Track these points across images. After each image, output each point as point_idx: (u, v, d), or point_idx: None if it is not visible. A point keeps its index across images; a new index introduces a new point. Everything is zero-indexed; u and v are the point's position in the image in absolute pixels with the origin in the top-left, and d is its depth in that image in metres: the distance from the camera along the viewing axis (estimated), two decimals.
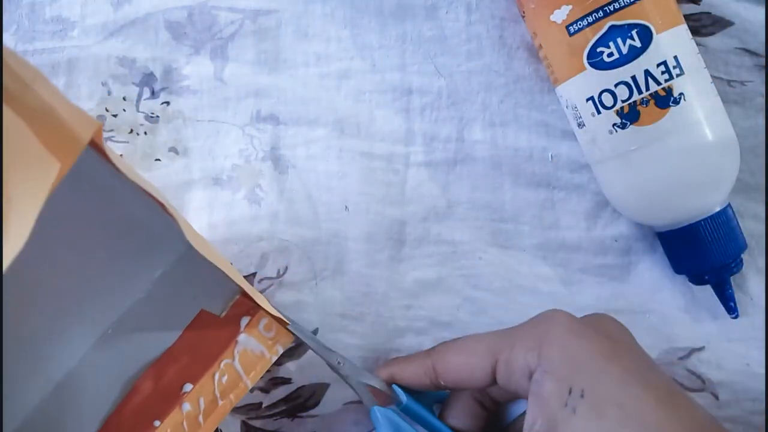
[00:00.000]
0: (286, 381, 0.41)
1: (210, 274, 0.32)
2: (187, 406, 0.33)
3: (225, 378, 0.33)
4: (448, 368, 0.34)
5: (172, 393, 0.33)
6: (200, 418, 0.33)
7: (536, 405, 0.29)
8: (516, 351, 0.31)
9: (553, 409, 0.28)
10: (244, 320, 0.34)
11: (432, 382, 0.35)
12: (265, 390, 0.41)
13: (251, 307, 0.34)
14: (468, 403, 0.36)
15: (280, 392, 0.41)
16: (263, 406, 0.41)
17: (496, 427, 0.37)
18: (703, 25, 0.42)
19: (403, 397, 0.36)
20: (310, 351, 0.41)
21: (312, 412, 0.41)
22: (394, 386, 0.36)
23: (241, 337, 0.33)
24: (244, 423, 0.41)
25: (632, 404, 0.27)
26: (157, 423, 0.32)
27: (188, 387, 0.33)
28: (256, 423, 0.41)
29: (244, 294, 0.33)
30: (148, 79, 0.41)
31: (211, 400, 0.33)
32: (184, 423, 0.33)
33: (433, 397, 0.38)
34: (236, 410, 0.41)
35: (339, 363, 0.37)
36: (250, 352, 0.34)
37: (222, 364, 0.33)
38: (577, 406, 0.28)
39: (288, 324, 0.34)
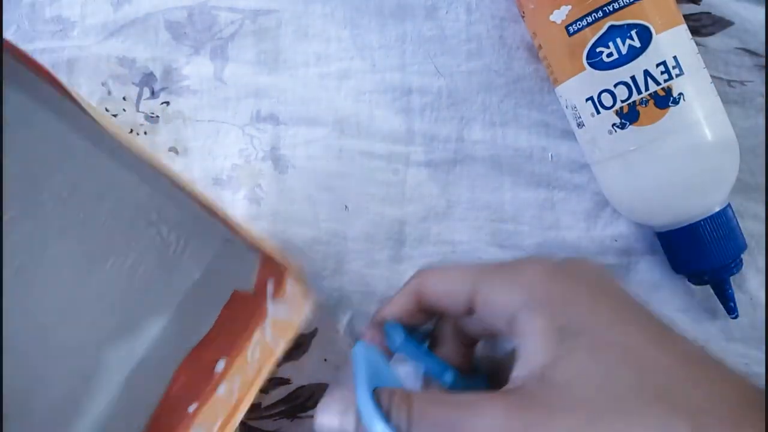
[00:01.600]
0: (285, 381, 0.41)
1: (238, 255, 0.32)
2: (222, 388, 0.32)
3: (258, 352, 0.33)
4: (430, 290, 0.33)
5: (206, 373, 0.33)
6: (233, 398, 0.32)
7: (529, 342, 0.28)
8: (497, 285, 0.30)
9: (549, 348, 0.27)
10: (270, 286, 0.33)
11: (416, 306, 0.33)
12: (263, 390, 0.41)
13: (274, 270, 0.34)
14: (448, 336, 0.35)
15: (279, 393, 0.41)
16: (262, 406, 0.41)
17: (473, 367, 0.36)
18: (703, 25, 0.42)
19: (400, 335, 0.33)
20: (309, 352, 0.41)
21: (311, 412, 0.41)
22: (386, 325, 0.34)
23: (270, 306, 0.33)
24: (243, 423, 0.41)
25: (627, 342, 0.27)
26: (192, 407, 0.32)
27: (221, 364, 0.32)
28: (256, 423, 0.41)
29: (266, 258, 0.33)
30: (148, 79, 0.41)
31: (244, 377, 0.33)
32: (220, 403, 0.32)
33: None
34: None
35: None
36: (282, 321, 0.33)
37: (254, 337, 0.32)
38: (573, 345, 0.27)
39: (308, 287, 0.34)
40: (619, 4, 0.36)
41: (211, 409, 0.32)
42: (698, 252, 0.39)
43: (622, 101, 0.37)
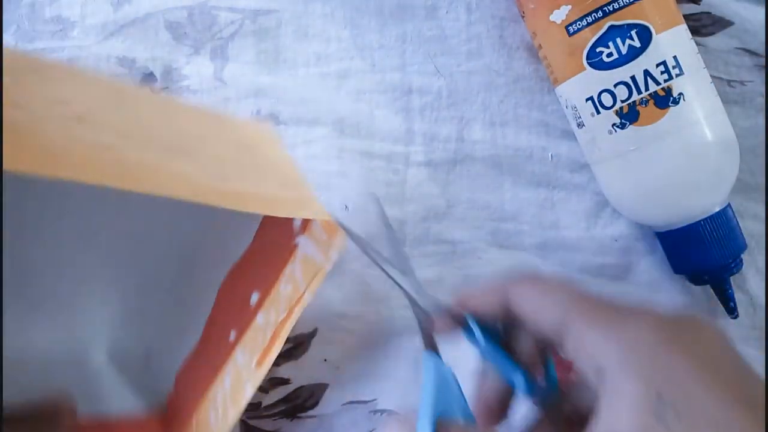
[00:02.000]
0: (285, 381, 0.41)
1: None
2: (260, 318, 0.32)
3: (290, 288, 0.32)
4: (518, 303, 0.31)
5: (243, 303, 0.32)
6: (269, 332, 0.32)
7: (616, 404, 0.25)
8: (594, 330, 0.27)
9: (639, 415, 0.25)
10: (297, 222, 0.32)
11: (499, 308, 0.31)
12: (264, 390, 0.41)
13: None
14: (524, 338, 0.32)
15: (279, 392, 0.41)
16: (262, 406, 0.41)
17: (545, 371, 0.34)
18: (703, 25, 0.42)
19: (481, 335, 0.32)
20: (308, 352, 0.41)
21: (311, 412, 0.41)
22: (468, 316, 0.32)
23: (301, 240, 0.32)
24: (243, 423, 0.41)
25: (730, 425, 0.24)
26: (233, 334, 0.32)
27: (255, 297, 0.32)
28: (255, 423, 0.41)
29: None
30: (148, 79, 0.41)
31: (276, 312, 0.32)
32: (258, 334, 0.32)
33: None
34: None
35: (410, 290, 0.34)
36: (310, 259, 0.32)
37: (287, 272, 0.32)
38: (668, 418, 0.24)
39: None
40: (619, 4, 0.36)
41: (250, 338, 0.32)
42: (698, 252, 0.39)
43: (622, 101, 0.37)
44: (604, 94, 0.37)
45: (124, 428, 0.33)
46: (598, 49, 0.37)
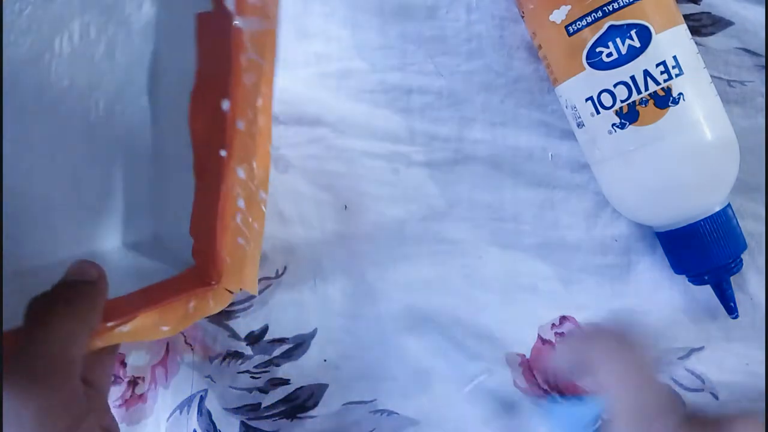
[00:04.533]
0: (285, 382, 0.41)
1: None
2: (239, 124, 0.31)
3: (252, 75, 0.30)
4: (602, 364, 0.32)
5: (218, 114, 0.31)
6: (255, 128, 0.31)
7: None
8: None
9: None
10: (230, 1, 0.30)
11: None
12: (263, 390, 0.41)
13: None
14: None
15: (279, 393, 0.41)
16: (262, 406, 0.41)
17: None
18: (703, 25, 0.42)
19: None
20: (308, 352, 0.41)
21: (311, 412, 0.41)
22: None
23: (237, 21, 0.30)
24: (243, 423, 0.41)
25: None
26: (223, 153, 0.31)
27: (226, 104, 0.31)
28: (255, 423, 0.41)
29: None
30: None
31: (254, 107, 0.31)
32: (245, 138, 0.31)
33: None
34: (235, 410, 0.41)
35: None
36: (256, 32, 0.30)
37: (241, 60, 0.30)
38: None
39: None
40: (618, 4, 0.36)
41: (241, 147, 0.31)
42: (698, 252, 0.39)
43: (622, 101, 0.37)
44: (603, 94, 0.37)
45: (157, 291, 0.32)
46: (597, 49, 0.37)
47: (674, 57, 0.36)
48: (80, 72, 0.36)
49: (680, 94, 0.36)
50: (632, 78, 0.36)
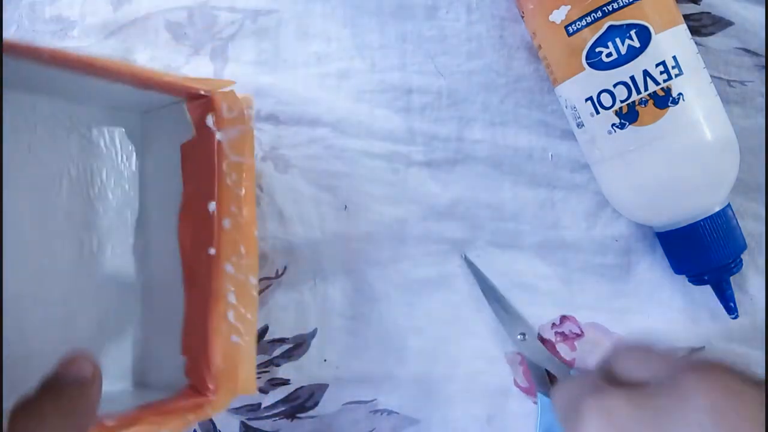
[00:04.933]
0: (285, 382, 0.41)
1: (166, 119, 0.32)
2: (227, 222, 0.32)
3: (234, 175, 0.33)
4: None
5: (205, 217, 0.33)
6: (240, 219, 0.33)
7: None
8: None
9: None
10: (210, 119, 0.33)
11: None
12: (263, 391, 0.41)
13: (204, 105, 0.33)
14: None
15: (279, 393, 0.41)
16: (262, 406, 0.41)
17: None
18: (703, 25, 0.42)
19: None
20: (308, 352, 0.41)
21: (311, 412, 0.41)
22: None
23: (218, 135, 0.33)
24: (243, 423, 0.41)
25: None
26: (212, 251, 0.32)
27: (213, 205, 0.32)
28: (255, 424, 0.41)
29: (190, 99, 0.33)
30: None
31: (237, 201, 0.33)
32: (231, 233, 0.32)
33: None
34: (235, 411, 0.41)
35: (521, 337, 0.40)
36: (234, 139, 0.33)
37: (224, 166, 0.32)
38: None
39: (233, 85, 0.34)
40: (618, 4, 0.36)
41: (228, 242, 0.32)
42: (698, 252, 0.39)
43: (622, 101, 0.37)
44: (603, 94, 0.37)
45: (152, 410, 0.33)
46: (597, 49, 0.37)
47: (674, 57, 0.36)
48: (76, 208, 0.37)
49: (680, 94, 0.36)
50: (632, 78, 0.36)
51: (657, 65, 0.36)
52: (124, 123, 0.39)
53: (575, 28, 0.37)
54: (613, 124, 0.37)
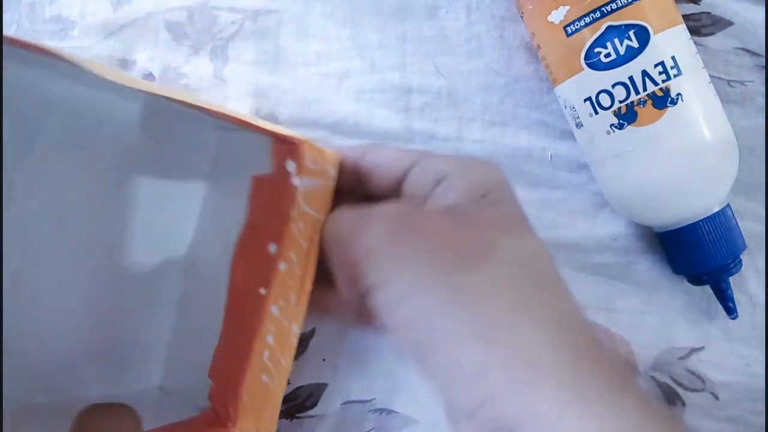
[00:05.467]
0: None
1: (244, 144, 0.32)
2: (281, 265, 0.32)
3: (301, 225, 0.32)
4: (377, 152, 0.33)
5: (262, 257, 0.33)
6: (297, 269, 0.32)
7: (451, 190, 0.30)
8: (436, 161, 0.31)
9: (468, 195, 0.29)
10: (291, 165, 0.32)
11: (355, 162, 0.34)
12: None
13: (289, 150, 0.33)
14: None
15: None
16: None
17: None
18: (703, 25, 0.42)
19: None
20: (307, 352, 0.41)
21: (310, 412, 0.41)
22: None
23: (296, 181, 0.32)
24: None
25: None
26: (263, 291, 0.32)
27: (273, 247, 0.32)
28: None
29: (276, 141, 0.33)
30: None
31: (299, 251, 0.33)
32: (286, 278, 0.32)
33: None
34: None
35: None
36: (311, 190, 0.32)
37: (293, 213, 0.32)
38: (491, 204, 0.29)
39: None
40: (617, 4, 0.36)
41: (280, 286, 0.32)
42: (697, 252, 0.39)
43: (620, 102, 0.37)
44: (602, 94, 0.37)
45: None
46: (596, 50, 0.37)
47: (673, 57, 0.36)
48: (138, 209, 0.39)
49: (678, 94, 0.36)
50: (630, 78, 0.36)
51: (656, 66, 0.36)
52: (196, 134, 0.39)
53: (574, 28, 0.37)
54: (611, 125, 0.37)
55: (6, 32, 0.40)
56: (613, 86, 0.37)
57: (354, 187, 0.34)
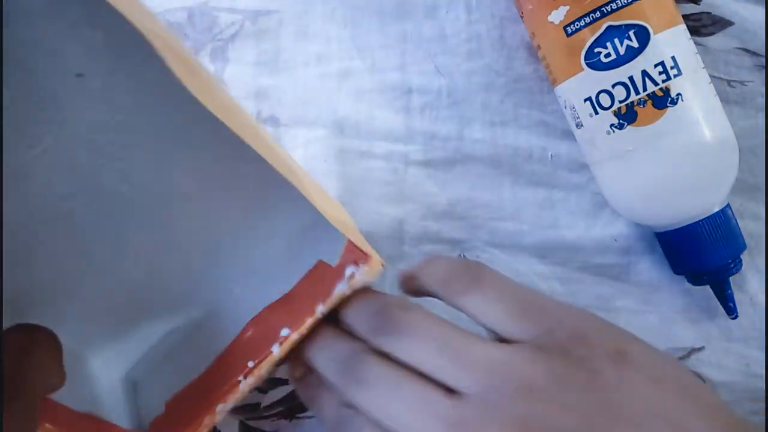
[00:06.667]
0: (284, 382, 0.41)
1: (330, 230, 0.32)
2: (275, 348, 0.33)
3: (310, 321, 0.33)
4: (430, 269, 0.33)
5: (270, 335, 0.33)
6: (282, 352, 0.33)
7: None
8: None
9: None
10: (349, 270, 0.33)
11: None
12: (262, 390, 0.41)
13: (357, 258, 0.33)
14: None
15: (278, 393, 0.41)
16: (261, 406, 0.41)
17: None
18: (703, 25, 0.42)
19: None
20: None
21: (310, 412, 0.41)
22: None
23: (341, 284, 0.33)
24: (242, 423, 0.41)
25: None
26: (251, 363, 0.33)
27: (285, 331, 0.33)
28: (254, 423, 0.41)
29: (350, 243, 0.33)
30: None
31: (299, 340, 0.33)
32: (272, 361, 0.33)
33: None
34: (234, 411, 0.41)
35: None
36: (336, 297, 0.33)
37: (319, 308, 0.33)
38: None
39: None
40: (617, 4, 0.36)
41: (265, 366, 0.33)
42: (698, 252, 0.39)
43: (620, 102, 0.37)
44: (602, 94, 0.37)
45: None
46: (596, 50, 0.37)
47: (673, 57, 0.36)
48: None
49: (678, 94, 0.36)
50: (630, 78, 0.36)
51: (656, 66, 0.36)
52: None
53: (574, 28, 0.37)
54: (611, 125, 0.37)
55: None
56: (613, 86, 0.37)
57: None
